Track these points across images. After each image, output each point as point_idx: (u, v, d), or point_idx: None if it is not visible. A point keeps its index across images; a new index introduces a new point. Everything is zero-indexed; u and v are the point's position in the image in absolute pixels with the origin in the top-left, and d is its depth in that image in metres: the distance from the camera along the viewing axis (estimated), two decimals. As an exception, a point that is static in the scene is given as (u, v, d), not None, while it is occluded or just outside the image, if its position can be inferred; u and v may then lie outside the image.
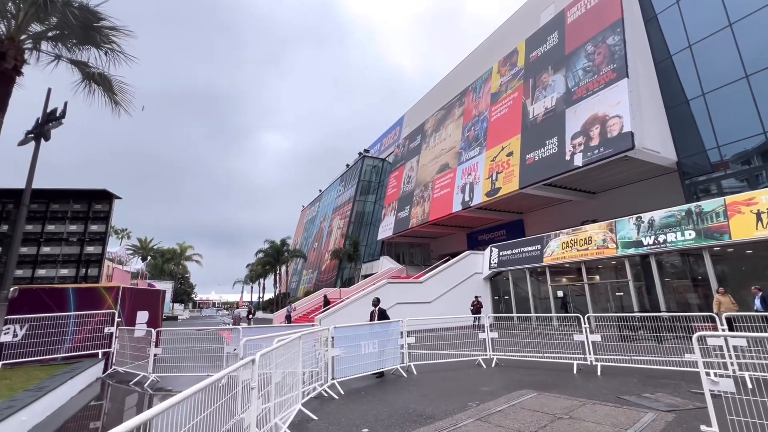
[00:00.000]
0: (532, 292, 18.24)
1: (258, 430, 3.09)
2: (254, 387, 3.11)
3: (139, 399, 6.70)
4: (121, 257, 29.65)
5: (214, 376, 2.59)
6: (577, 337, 7.30)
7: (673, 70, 16.41)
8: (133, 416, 1.74)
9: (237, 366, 3.11)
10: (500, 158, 21.14)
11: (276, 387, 4.43)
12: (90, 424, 5.50)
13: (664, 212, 13.10)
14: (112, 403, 6.67)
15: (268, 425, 3.99)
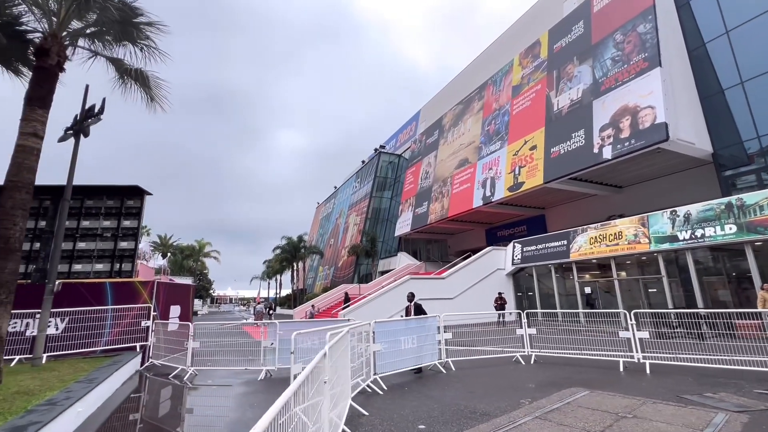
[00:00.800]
0: (557, 289, 17.87)
1: (335, 424, 3.00)
2: (326, 381, 3.03)
3: (184, 391, 6.75)
4: (146, 253, 30.28)
5: (307, 368, 2.50)
6: (623, 333, 7.05)
7: (707, 59, 15.78)
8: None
9: (318, 358, 3.02)
10: (523, 152, 20.72)
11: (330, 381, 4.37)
12: (148, 415, 5.55)
13: (701, 206, 12.61)
14: (159, 395, 6.73)
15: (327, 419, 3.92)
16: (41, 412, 4.00)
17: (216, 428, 4.72)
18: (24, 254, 10.67)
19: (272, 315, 25.70)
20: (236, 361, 7.96)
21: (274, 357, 7.49)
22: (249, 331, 13.01)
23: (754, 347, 6.21)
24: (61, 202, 7.82)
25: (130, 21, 6.99)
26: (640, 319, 7.01)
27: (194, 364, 8.02)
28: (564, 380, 6.27)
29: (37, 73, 6.45)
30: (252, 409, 5.33)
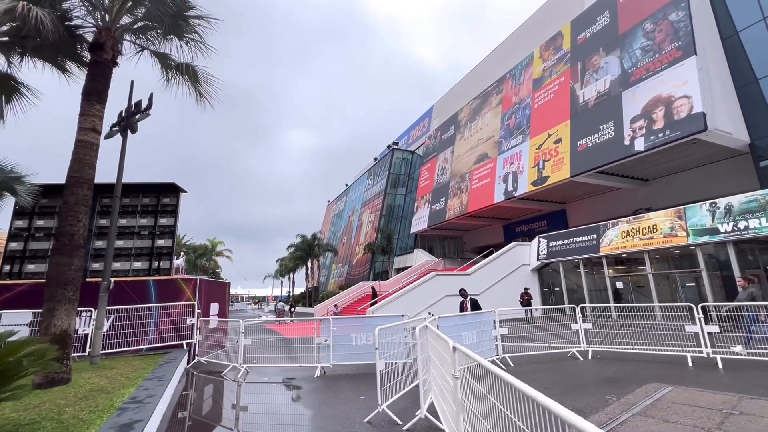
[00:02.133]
0: (586, 284, 17.61)
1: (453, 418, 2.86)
2: (458, 377, 2.88)
3: (241, 388, 6.67)
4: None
5: (482, 360, 2.35)
6: (689, 328, 6.83)
7: (741, 47, 15.39)
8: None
9: (465, 351, 2.87)
10: (547, 146, 20.42)
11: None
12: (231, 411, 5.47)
13: (744, 197, 12.29)
14: (223, 393, 6.66)
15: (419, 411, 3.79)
16: (133, 409, 3.92)
17: (306, 427, 4.61)
18: (64, 253, 10.66)
19: (293, 313, 25.69)
20: (289, 358, 7.86)
21: (329, 354, 7.39)
22: (273, 328, 12.97)
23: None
24: (113, 199, 7.76)
25: (182, 14, 6.88)
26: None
27: (245, 361, 7.94)
28: (633, 376, 6.09)
29: (93, 67, 6.37)
30: (327, 407, 5.22)
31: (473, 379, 2.69)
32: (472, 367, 2.79)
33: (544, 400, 1.43)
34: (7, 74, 7.19)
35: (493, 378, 2.17)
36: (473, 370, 2.73)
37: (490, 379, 2.24)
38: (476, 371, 2.56)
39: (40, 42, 6.89)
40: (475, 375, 2.57)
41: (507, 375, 1.92)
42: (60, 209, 5.88)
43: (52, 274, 5.44)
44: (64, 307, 5.41)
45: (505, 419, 1.98)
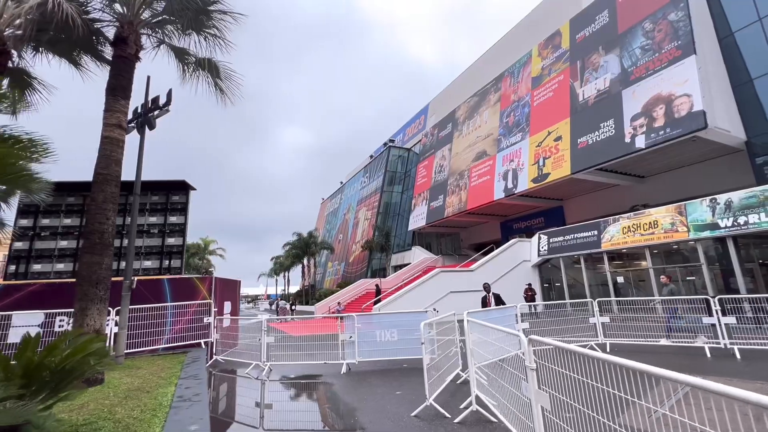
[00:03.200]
0: (587, 279, 17.94)
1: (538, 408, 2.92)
2: (533, 368, 2.94)
3: (264, 385, 6.64)
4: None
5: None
6: (706, 320, 7.04)
7: (736, 47, 15.81)
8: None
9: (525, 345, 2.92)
10: (547, 143, 20.68)
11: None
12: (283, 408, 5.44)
13: (743, 193, 12.67)
14: (248, 390, 6.62)
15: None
16: (187, 408, 3.89)
17: (356, 421, 4.63)
18: (72, 252, 10.46)
19: (294, 311, 25.60)
20: (310, 355, 7.85)
21: (353, 350, 7.40)
22: (275, 326, 12.89)
23: None
24: (133, 197, 7.61)
25: (205, 9, 6.78)
26: (725, 305, 7.00)
27: (268, 359, 7.90)
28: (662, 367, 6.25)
29: (116, 62, 6.24)
30: (367, 402, 5.24)
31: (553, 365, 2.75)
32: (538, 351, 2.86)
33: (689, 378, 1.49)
34: (21, 68, 6.99)
35: (594, 362, 2.23)
36: (544, 354, 2.80)
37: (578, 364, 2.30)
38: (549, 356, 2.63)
39: (54, 36, 6.73)
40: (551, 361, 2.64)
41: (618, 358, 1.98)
42: (88, 207, 5.75)
43: (84, 273, 5.33)
44: (96, 307, 5.32)
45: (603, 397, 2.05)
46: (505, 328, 3.78)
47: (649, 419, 2.36)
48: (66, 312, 8.31)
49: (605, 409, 2.33)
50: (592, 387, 2.33)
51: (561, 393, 2.71)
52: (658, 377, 1.83)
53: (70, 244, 10.46)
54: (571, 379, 2.62)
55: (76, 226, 10.62)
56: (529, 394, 2.99)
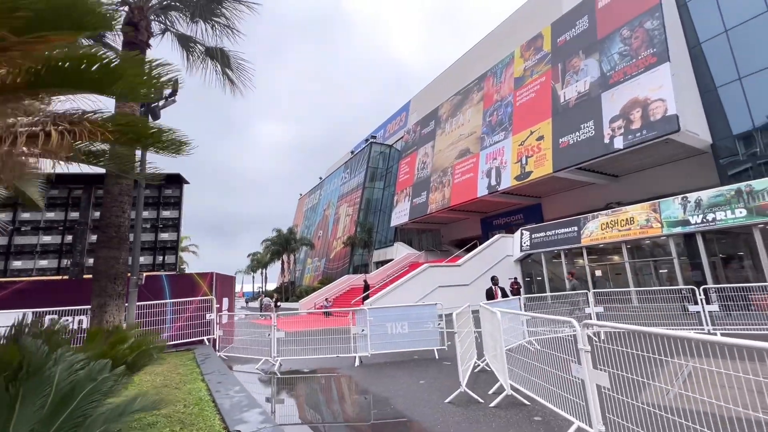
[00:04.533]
0: (567, 273, 18.81)
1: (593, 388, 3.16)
2: (588, 350, 3.17)
3: (274, 378, 6.63)
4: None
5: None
6: (692, 308, 7.66)
7: (703, 56, 17.01)
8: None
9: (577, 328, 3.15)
10: (529, 142, 21.43)
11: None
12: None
13: (712, 192, 13.71)
14: (271, 386, 6.57)
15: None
16: (230, 400, 3.88)
17: (392, 410, 4.74)
18: (56, 248, 9.91)
19: (279, 307, 25.27)
20: (317, 349, 7.87)
21: (365, 343, 7.51)
22: (259, 323, 12.82)
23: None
24: (138, 189, 7.30)
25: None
26: (709, 294, 7.61)
27: (265, 354, 7.85)
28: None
29: (127, 49, 5.98)
30: (396, 391, 5.36)
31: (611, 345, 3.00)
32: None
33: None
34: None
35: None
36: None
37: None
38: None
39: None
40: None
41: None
42: (103, 199, 5.49)
43: (102, 268, 5.14)
44: (115, 302, 5.15)
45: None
46: (556, 316, 4.00)
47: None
48: (55, 311, 7.90)
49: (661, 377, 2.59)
50: (645, 358, 2.57)
51: (620, 370, 2.95)
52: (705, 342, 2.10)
53: (54, 240, 9.90)
54: (626, 355, 2.86)
55: (61, 221, 10.05)
56: (582, 375, 3.22)
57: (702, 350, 2.56)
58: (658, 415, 2.89)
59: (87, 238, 9.92)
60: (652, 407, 2.93)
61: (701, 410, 2.60)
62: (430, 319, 7.75)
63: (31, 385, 1.62)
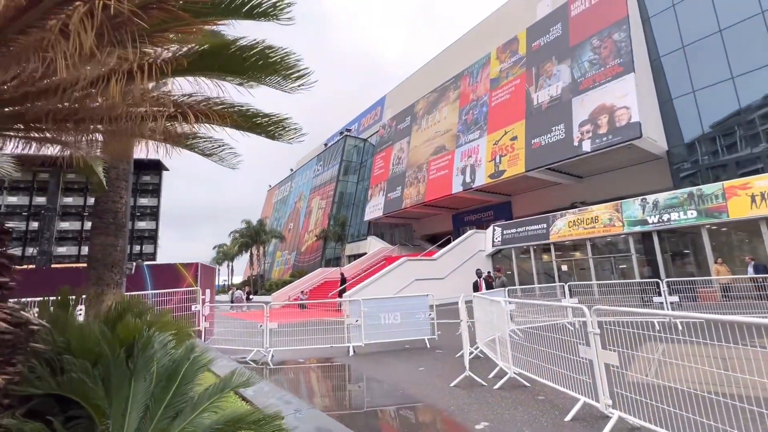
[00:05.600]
0: (535, 267, 19.87)
1: (600, 368, 3.50)
2: (597, 333, 3.51)
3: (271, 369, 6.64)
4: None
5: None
6: (657, 299, 8.44)
7: (662, 69, 18.44)
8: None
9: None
10: (503, 142, 22.26)
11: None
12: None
13: (668, 194, 14.99)
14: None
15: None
16: (251, 389, 3.90)
17: (401, 395, 4.91)
18: (19, 235, 9.22)
19: (251, 300, 24.68)
20: (307, 340, 7.91)
21: (360, 333, 7.64)
22: (231, 315, 12.73)
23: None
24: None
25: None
26: (672, 287, 8.43)
27: (254, 345, 7.80)
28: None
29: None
30: (400, 377, 5.55)
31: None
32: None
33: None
34: None
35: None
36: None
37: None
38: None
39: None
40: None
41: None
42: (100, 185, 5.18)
43: (98, 256, 4.91)
44: (113, 291, 4.95)
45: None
46: (566, 304, 4.32)
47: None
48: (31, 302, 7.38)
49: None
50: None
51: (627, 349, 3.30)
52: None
53: (18, 225, 9.18)
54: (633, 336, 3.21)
55: (25, 206, 9.32)
56: (590, 355, 3.57)
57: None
58: (651, 385, 3.27)
59: (56, 225, 9.29)
60: (646, 378, 3.31)
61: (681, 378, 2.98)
62: (421, 310, 8.00)
63: (141, 362, 1.62)
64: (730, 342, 2.87)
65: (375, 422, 4.03)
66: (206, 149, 3.77)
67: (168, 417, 1.53)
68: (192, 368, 1.77)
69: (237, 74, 2.63)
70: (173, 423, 1.51)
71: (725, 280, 12.13)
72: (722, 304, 9.71)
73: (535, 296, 10.23)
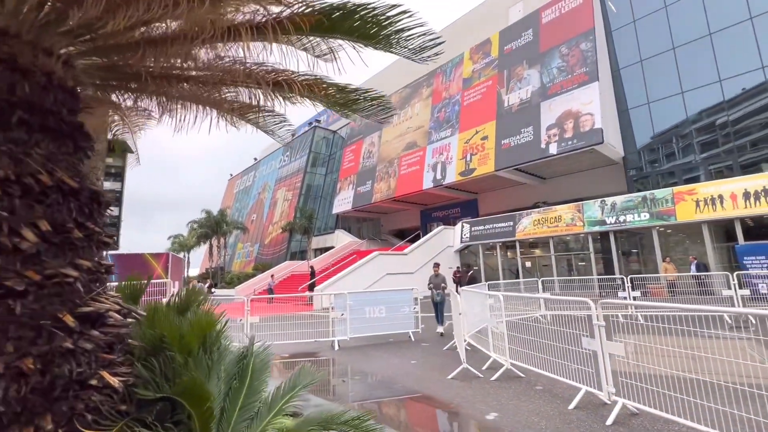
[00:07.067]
0: (501, 263, 20.67)
1: (605, 360, 3.69)
2: (603, 325, 3.68)
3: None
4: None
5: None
6: (621, 293, 9.08)
7: (623, 80, 19.77)
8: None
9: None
10: (474, 141, 22.83)
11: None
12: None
13: (624, 197, 16.15)
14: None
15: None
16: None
17: (402, 387, 4.89)
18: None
19: (213, 293, 23.53)
20: (290, 334, 7.70)
21: (345, 327, 7.54)
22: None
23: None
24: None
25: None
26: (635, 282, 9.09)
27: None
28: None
29: None
30: (397, 371, 5.54)
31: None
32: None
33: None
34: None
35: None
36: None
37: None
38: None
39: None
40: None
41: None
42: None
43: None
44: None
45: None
46: (575, 297, 4.48)
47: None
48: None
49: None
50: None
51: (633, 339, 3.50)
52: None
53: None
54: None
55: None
56: (594, 346, 3.75)
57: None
58: (649, 373, 3.49)
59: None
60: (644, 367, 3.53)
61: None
62: (406, 304, 8.04)
63: (215, 358, 1.44)
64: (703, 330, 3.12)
65: (389, 413, 3.99)
66: (268, 124, 3.52)
67: (245, 419, 1.38)
68: (260, 364, 1.62)
69: (369, 39, 2.43)
70: (252, 425, 1.36)
71: (672, 278, 13.32)
72: (669, 300, 10.68)
73: (520, 291, 10.62)
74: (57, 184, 1.78)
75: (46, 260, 1.67)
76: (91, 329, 1.64)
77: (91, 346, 1.58)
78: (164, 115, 3.09)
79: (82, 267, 1.79)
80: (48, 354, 1.49)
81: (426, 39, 2.57)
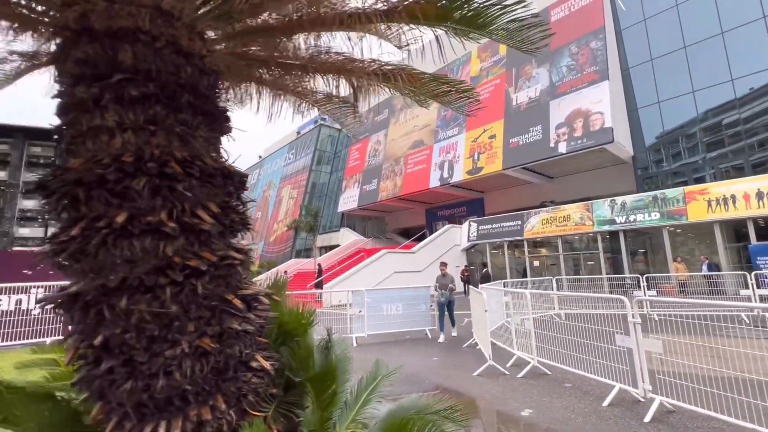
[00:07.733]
0: (508, 262, 20.64)
1: (640, 356, 3.68)
2: (639, 322, 3.67)
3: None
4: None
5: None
6: (636, 293, 9.05)
7: (632, 79, 19.66)
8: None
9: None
10: (482, 140, 22.78)
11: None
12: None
13: (634, 197, 16.09)
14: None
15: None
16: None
17: (428, 382, 4.89)
18: (-26, 213, 8.14)
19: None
20: (316, 330, 7.70)
21: (363, 324, 7.55)
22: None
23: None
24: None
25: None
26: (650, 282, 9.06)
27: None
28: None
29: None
30: (419, 368, 5.55)
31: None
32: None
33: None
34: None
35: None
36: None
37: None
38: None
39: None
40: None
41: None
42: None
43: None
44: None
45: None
46: (608, 295, 4.47)
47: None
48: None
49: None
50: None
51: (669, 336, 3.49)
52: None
53: (-28, 203, 8.09)
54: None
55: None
56: (629, 344, 3.74)
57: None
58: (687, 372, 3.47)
59: (18, 203, 8.31)
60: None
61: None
62: (422, 301, 8.04)
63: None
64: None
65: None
66: (340, 114, 3.56)
67: (338, 407, 1.39)
68: (341, 355, 1.62)
69: (481, 29, 2.43)
70: (345, 414, 1.37)
71: (683, 277, 13.28)
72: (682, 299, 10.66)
73: (529, 290, 10.61)
74: (220, 167, 1.81)
75: (215, 242, 1.70)
76: (247, 312, 1.66)
77: (252, 329, 1.61)
78: (252, 102, 3.17)
79: (242, 250, 1.83)
80: (222, 334, 1.52)
81: (537, 31, 2.54)
